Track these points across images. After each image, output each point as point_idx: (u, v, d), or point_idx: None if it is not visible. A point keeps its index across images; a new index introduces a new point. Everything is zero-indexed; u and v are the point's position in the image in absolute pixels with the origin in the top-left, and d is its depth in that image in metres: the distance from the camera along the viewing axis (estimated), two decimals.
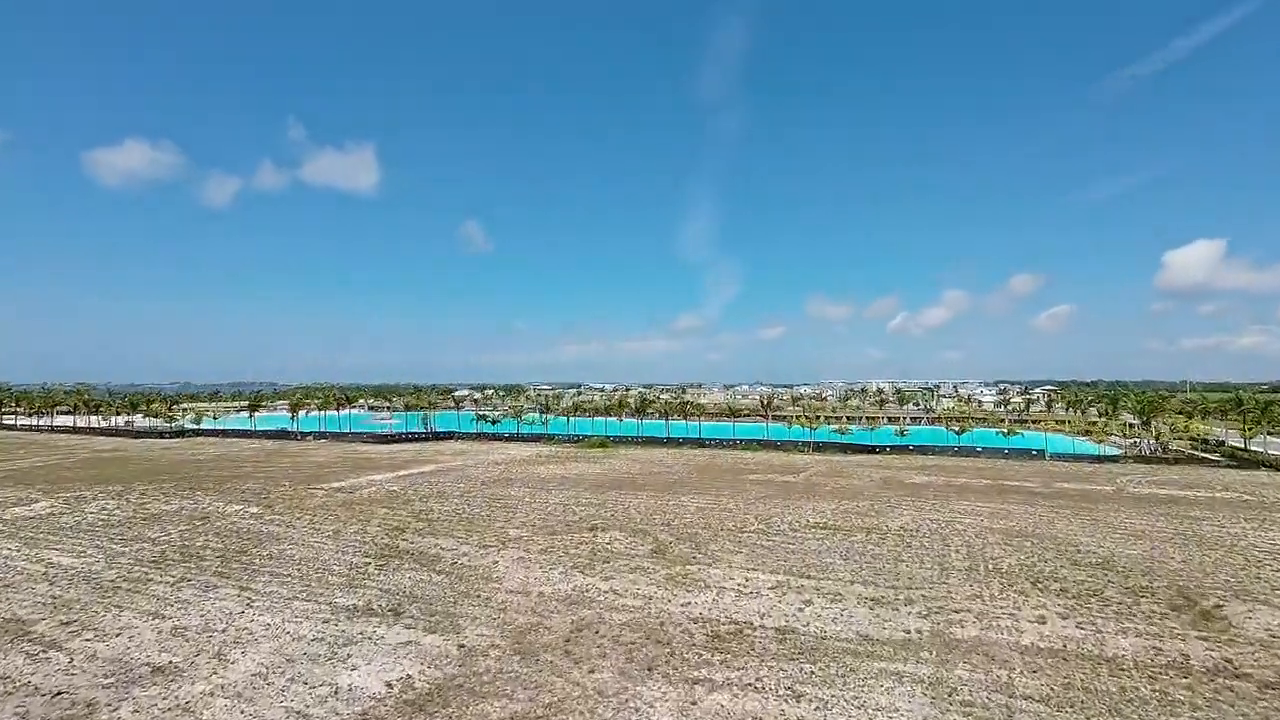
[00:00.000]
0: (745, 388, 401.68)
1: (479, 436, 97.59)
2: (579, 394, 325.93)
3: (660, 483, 52.21)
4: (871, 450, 77.42)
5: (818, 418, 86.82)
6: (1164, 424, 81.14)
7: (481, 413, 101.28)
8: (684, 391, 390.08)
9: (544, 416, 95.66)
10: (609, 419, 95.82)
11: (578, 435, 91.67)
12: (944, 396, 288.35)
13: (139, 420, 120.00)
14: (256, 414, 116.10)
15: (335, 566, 26.58)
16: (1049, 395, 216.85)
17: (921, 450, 75.29)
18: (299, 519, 36.67)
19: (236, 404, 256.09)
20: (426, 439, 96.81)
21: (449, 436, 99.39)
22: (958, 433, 75.85)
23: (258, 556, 28.24)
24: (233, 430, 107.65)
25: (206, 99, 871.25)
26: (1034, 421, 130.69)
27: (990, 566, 26.72)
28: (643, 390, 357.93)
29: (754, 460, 68.63)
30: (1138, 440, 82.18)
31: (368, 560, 27.52)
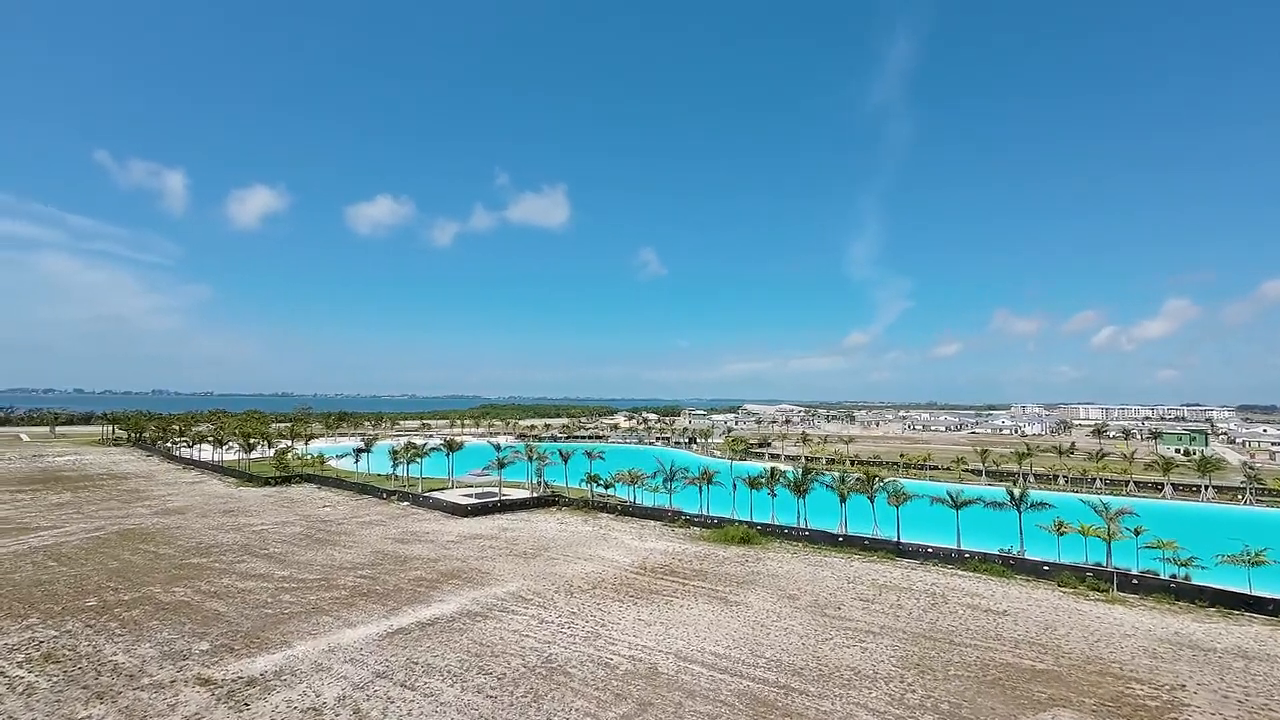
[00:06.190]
0: (925, 415, 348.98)
1: (586, 506, 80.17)
2: (736, 420, 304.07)
3: (841, 717, 28.51)
4: (1244, 604, 44.29)
5: (1109, 513, 54.50)
6: None
7: (593, 473, 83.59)
8: (852, 416, 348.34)
9: (669, 485, 74.84)
10: (758, 489, 71.96)
11: (713, 517, 69.51)
12: (1204, 432, 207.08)
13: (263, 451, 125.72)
14: (367, 451, 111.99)
15: None
16: None
17: None
18: None
19: (412, 420, 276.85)
20: (526, 505, 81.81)
21: (552, 503, 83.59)
22: None
23: None
24: (330, 479, 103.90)
25: (431, 159, 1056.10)
26: None
27: None
28: (805, 416, 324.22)
29: (1014, 624, 41.11)
30: None
31: None
